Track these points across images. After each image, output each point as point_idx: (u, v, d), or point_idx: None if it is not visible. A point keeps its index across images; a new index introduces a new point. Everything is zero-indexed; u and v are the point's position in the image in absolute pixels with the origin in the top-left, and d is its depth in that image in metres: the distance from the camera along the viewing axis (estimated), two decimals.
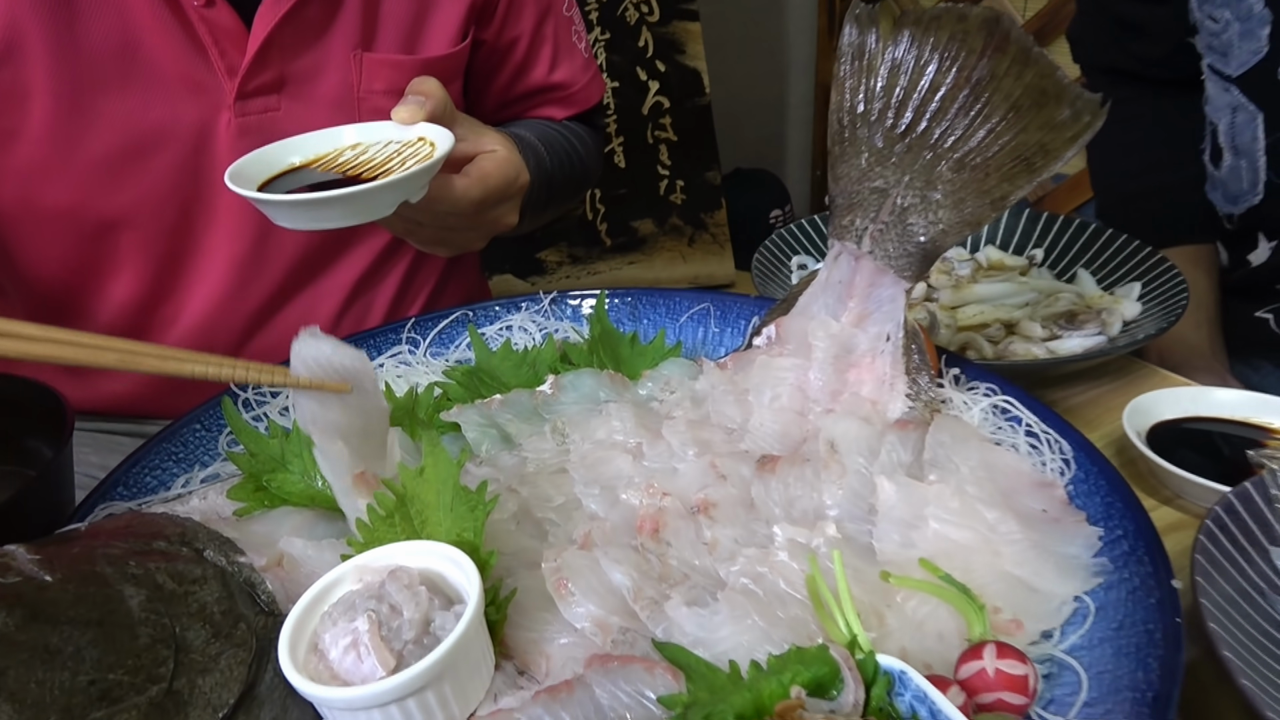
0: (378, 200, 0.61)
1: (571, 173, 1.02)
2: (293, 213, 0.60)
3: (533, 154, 0.90)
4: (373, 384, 0.54)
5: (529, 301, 0.83)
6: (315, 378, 0.51)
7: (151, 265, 0.86)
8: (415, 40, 0.88)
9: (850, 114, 0.65)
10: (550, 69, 1.03)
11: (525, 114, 1.06)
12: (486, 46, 0.98)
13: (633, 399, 0.70)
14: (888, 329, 0.66)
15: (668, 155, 2.02)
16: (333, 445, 0.52)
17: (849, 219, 0.65)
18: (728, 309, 0.82)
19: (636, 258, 2.02)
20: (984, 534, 0.54)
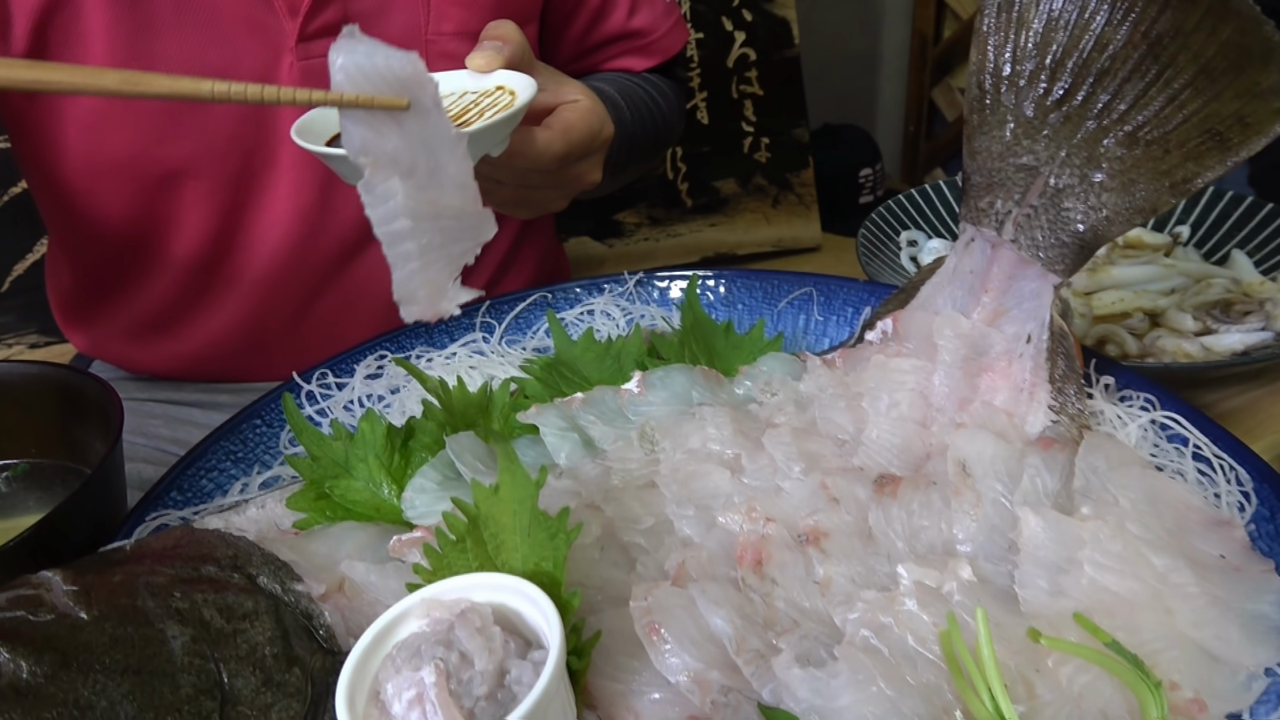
0: None
1: (653, 129, 0.95)
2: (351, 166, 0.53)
3: (613, 108, 0.84)
4: (434, 100, 0.43)
5: (612, 283, 0.76)
6: (362, 92, 0.41)
7: (215, 216, 0.83)
8: None
9: (994, 76, 0.56)
10: (629, 15, 0.96)
11: (602, 65, 1.00)
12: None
13: (729, 400, 0.63)
14: (1029, 329, 0.57)
15: (753, 111, 1.91)
16: (386, 182, 0.42)
17: (988, 200, 0.56)
18: (832, 294, 0.74)
19: (718, 219, 1.92)
20: (1152, 585, 0.46)
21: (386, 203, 0.42)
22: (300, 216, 0.84)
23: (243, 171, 0.81)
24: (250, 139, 0.80)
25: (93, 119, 0.77)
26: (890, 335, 0.63)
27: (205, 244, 0.85)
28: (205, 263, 0.87)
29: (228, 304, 0.91)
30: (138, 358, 0.99)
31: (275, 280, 0.89)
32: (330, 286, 0.91)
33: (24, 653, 0.37)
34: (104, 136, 0.78)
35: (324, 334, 0.94)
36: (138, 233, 0.86)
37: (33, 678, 0.37)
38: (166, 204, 0.82)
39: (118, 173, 0.80)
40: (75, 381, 0.59)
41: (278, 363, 0.95)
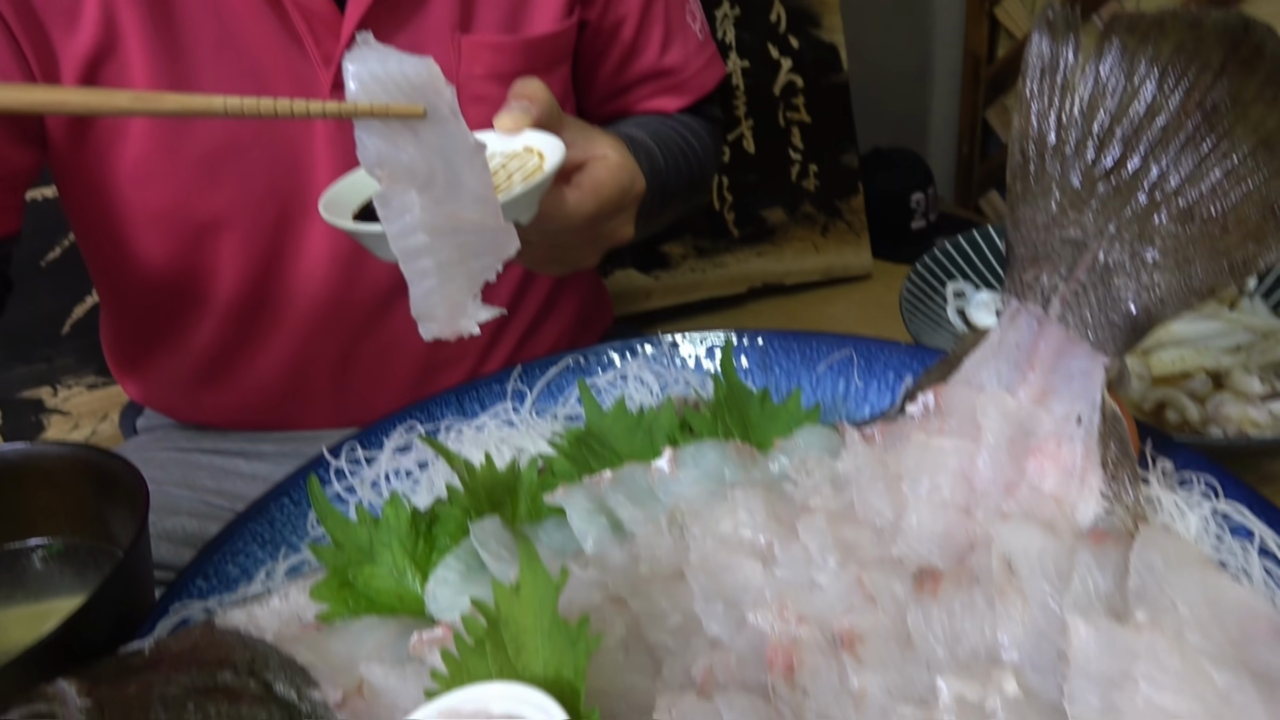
0: None
1: (689, 174, 0.94)
2: (379, 242, 0.52)
3: (645, 156, 0.83)
4: (452, 108, 0.42)
5: (646, 344, 0.75)
6: (377, 101, 0.40)
7: (253, 265, 0.84)
8: (517, 18, 0.83)
9: (1038, 144, 0.53)
10: (661, 52, 0.95)
11: (635, 106, 0.99)
12: (591, 28, 0.91)
13: (763, 477, 0.61)
14: (1079, 409, 0.54)
15: (800, 138, 1.89)
16: (404, 195, 0.41)
17: (1033, 274, 0.54)
18: (873, 357, 0.71)
19: (765, 249, 1.90)
20: (1213, 706, 0.43)
21: (403, 217, 0.41)
22: (337, 264, 0.85)
23: (279, 220, 0.82)
24: (286, 188, 0.81)
25: (134, 170, 0.78)
26: (931, 410, 0.60)
27: (244, 293, 0.86)
28: (245, 311, 0.88)
29: (269, 352, 0.92)
30: (184, 407, 1.00)
31: (314, 328, 0.89)
32: (370, 333, 0.91)
33: None
34: (144, 187, 0.79)
35: (365, 380, 0.95)
36: (178, 282, 0.87)
37: None
38: (205, 254, 0.83)
39: (157, 223, 0.82)
40: (106, 464, 0.60)
41: (321, 410, 0.96)
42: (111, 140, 0.77)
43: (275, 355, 0.92)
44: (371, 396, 0.96)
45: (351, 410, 0.97)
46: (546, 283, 1.00)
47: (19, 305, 1.43)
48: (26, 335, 1.46)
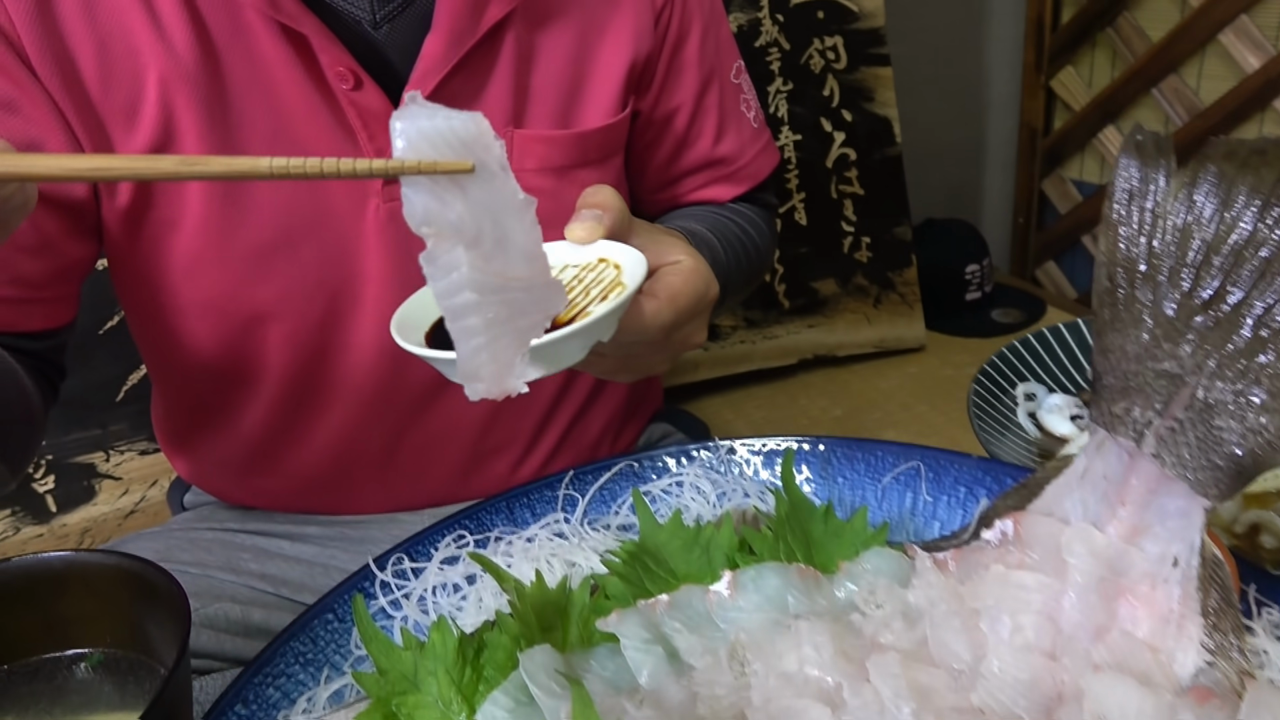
0: (569, 347, 0.51)
1: (748, 265, 0.92)
2: (454, 367, 0.50)
3: (709, 251, 0.82)
4: (500, 163, 0.41)
5: (703, 449, 0.72)
6: (425, 158, 0.39)
7: (300, 357, 0.84)
8: (570, 113, 0.82)
9: (1127, 270, 0.50)
10: (715, 141, 0.94)
11: (688, 195, 0.97)
12: (643, 118, 0.90)
13: (828, 605, 0.57)
14: (1175, 550, 0.50)
15: (853, 210, 1.87)
16: (451, 253, 0.39)
17: (1123, 406, 0.50)
18: (942, 471, 0.68)
19: (817, 320, 1.87)
20: None
21: (450, 275, 0.40)
22: (385, 355, 0.84)
23: (329, 311, 0.82)
24: (336, 280, 0.80)
25: (186, 262, 0.79)
26: (1010, 539, 0.56)
27: (292, 381, 0.86)
28: (292, 399, 0.88)
29: (315, 439, 0.91)
30: (230, 489, 1.00)
31: (361, 416, 0.89)
32: (417, 420, 0.90)
33: None
34: (195, 279, 0.79)
35: (412, 466, 0.93)
36: (226, 369, 0.87)
37: None
38: (254, 343, 0.83)
39: (206, 312, 0.82)
40: (149, 575, 0.58)
41: (368, 494, 0.95)
42: (165, 232, 0.78)
43: (321, 442, 0.91)
44: (419, 482, 0.95)
45: (399, 495, 0.96)
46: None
47: (77, 372, 1.45)
48: (82, 401, 1.48)
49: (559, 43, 0.82)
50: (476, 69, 0.78)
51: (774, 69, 1.75)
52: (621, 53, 0.84)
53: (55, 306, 0.80)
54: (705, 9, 0.91)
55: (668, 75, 0.89)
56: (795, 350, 1.86)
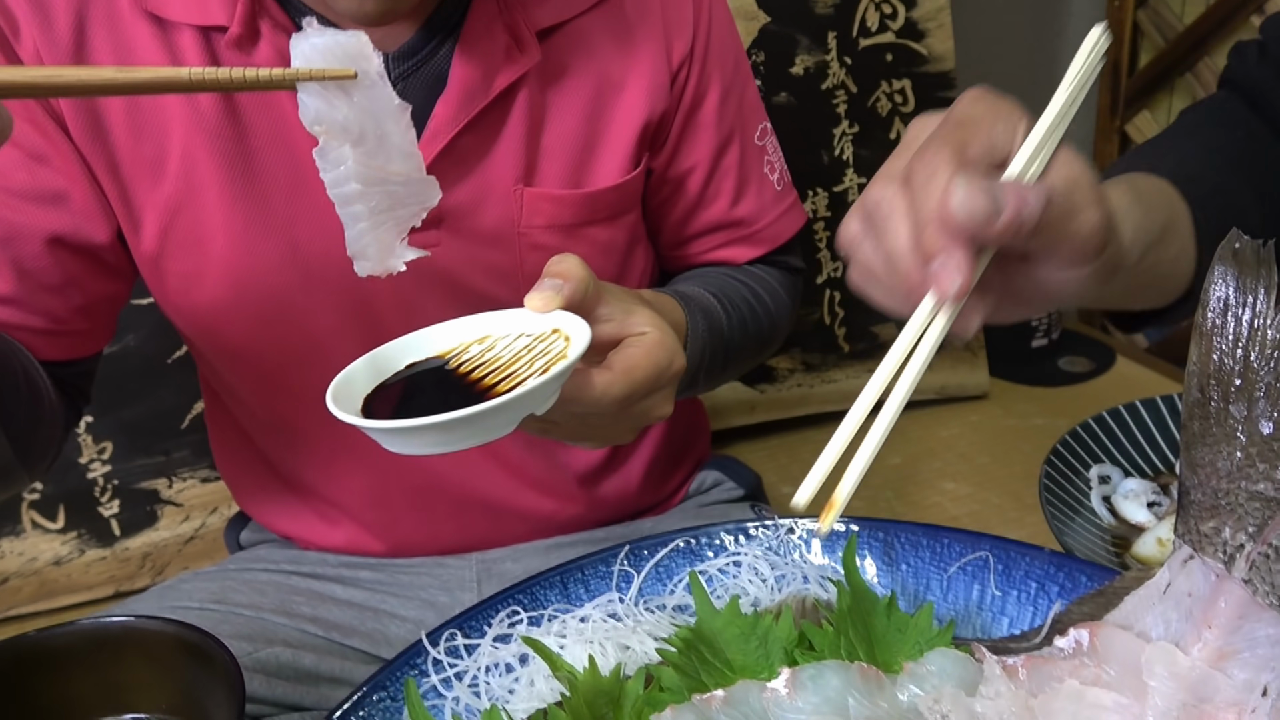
0: (493, 420, 0.52)
1: (756, 329, 0.90)
2: (391, 439, 0.52)
3: (703, 315, 0.80)
4: (379, 73, 0.47)
5: (761, 528, 0.70)
6: (315, 67, 0.46)
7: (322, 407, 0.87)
8: (581, 172, 0.82)
9: (1220, 383, 0.48)
10: (733, 203, 0.91)
11: (703, 255, 0.95)
12: (656, 176, 0.89)
13: (890, 709, 0.55)
14: (1264, 679, 0.47)
15: None
16: (338, 148, 0.47)
17: (1212, 525, 0.48)
18: (1012, 563, 0.65)
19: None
20: None
21: (338, 168, 0.47)
22: None
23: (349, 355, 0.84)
24: (353, 329, 0.81)
25: (211, 309, 0.81)
26: (1085, 650, 0.54)
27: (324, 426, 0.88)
28: (327, 443, 0.90)
29: (353, 481, 0.93)
30: (284, 528, 1.01)
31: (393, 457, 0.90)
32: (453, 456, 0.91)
33: None
34: (223, 326, 0.82)
35: (452, 505, 0.94)
36: (265, 413, 0.90)
37: None
38: (286, 387, 0.85)
39: (236, 360, 0.85)
40: (204, 645, 0.59)
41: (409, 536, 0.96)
42: (190, 285, 0.80)
43: (359, 483, 0.92)
44: (461, 521, 0.95)
45: (441, 536, 0.97)
46: None
47: (142, 400, 1.49)
48: (148, 428, 1.51)
49: (572, 102, 0.81)
50: (487, 128, 0.78)
51: (840, 111, 1.73)
52: (636, 112, 0.83)
53: (81, 339, 0.82)
54: (728, 69, 0.89)
55: (683, 135, 0.87)
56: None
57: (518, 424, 0.54)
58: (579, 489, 0.97)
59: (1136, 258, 0.57)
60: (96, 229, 0.78)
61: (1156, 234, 0.60)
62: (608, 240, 0.87)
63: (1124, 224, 0.54)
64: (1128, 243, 0.55)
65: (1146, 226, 0.58)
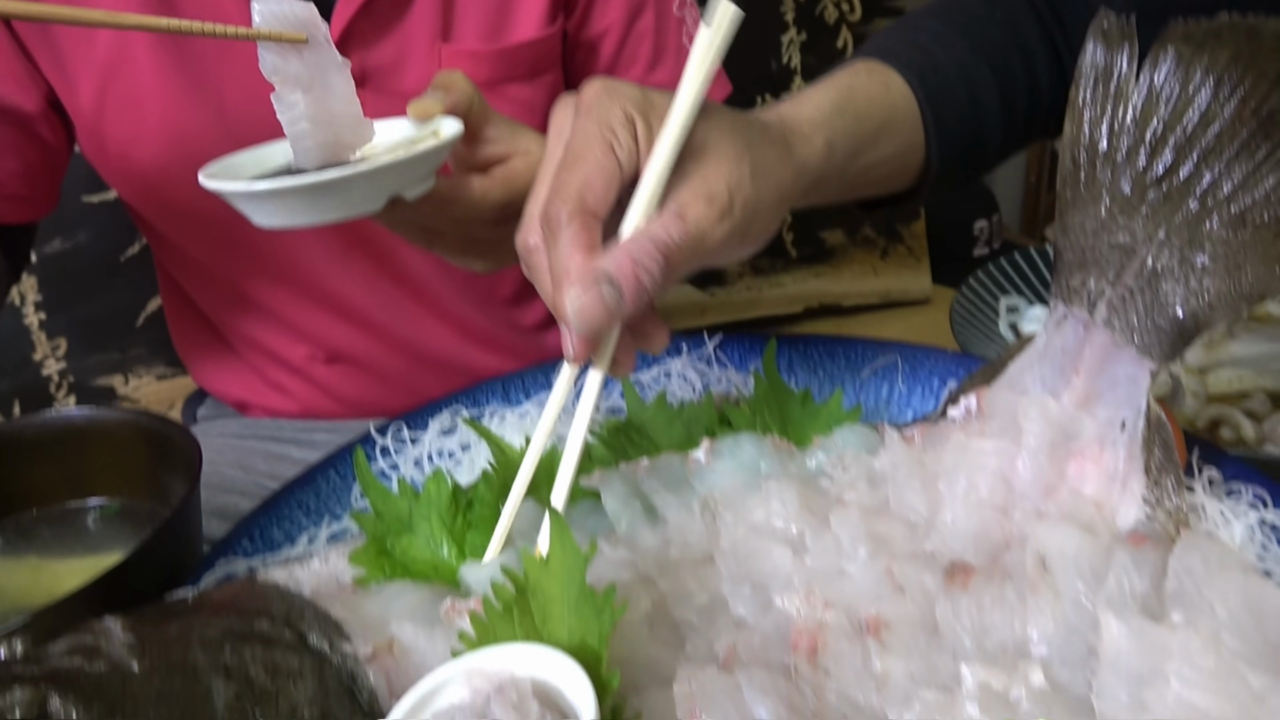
0: (360, 190, 0.55)
1: None
2: (259, 204, 0.56)
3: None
4: (325, 37, 0.55)
5: (690, 342, 0.75)
6: (274, 29, 0.54)
7: (271, 260, 0.88)
8: (499, 27, 0.84)
9: (1089, 151, 0.53)
10: (648, 70, 0.93)
11: None
12: (571, 39, 0.90)
13: (799, 472, 0.61)
14: (1123, 415, 0.53)
15: None
16: (292, 95, 0.55)
17: (1079, 279, 0.53)
18: (918, 364, 0.71)
19: (823, 270, 1.90)
20: (1247, 707, 0.41)
21: (293, 110, 0.55)
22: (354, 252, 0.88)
23: None
24: None
25: (153, 169, 0.83)
26: (974, 413, 0.59)
27: (273, 284, 0.91)
28: (279, 304, 0.93)
29: (306, 345, 0.96)
30: (239, 395, 1.04)
31: (346, 317, 0.93)
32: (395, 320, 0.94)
33: (75, 701, 0.39)
34: (164, 188, 0.83)
35: (404, 367, 0.97)
36: (214, 276, 0.92)
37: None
38: (230, 247, 0.87)
39: (182, 224, 0.88)
40: (164, 429, 0.62)
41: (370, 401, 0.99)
42: (130, 148, 0.82)
43: (310, 343, 0.95)
44: (412, 383, 0.98)
45: (396, 398, 1.00)
46: None
47: (97, 298, 1.50)
48: (103, 326, 1.52)
49: None
50: None
51: (788, 19, 1.76)
52: None
53: (20, 204, 0.84)
54: None
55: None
56: (801, 299, 1.88)
57: (385, 201, 0.57)
58: (527, 344, 1.01)
59: (842, 164, 0.58)
60: (25, 97, 0.80)
61: (868, 138, 0.60)
62: (528, 99, 0.88)
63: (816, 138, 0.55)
64: (821, 157, 0.56)
65: (855, 133, 0.59)
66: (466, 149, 0.64)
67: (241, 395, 1.04)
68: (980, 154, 0.69)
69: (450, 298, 0.94)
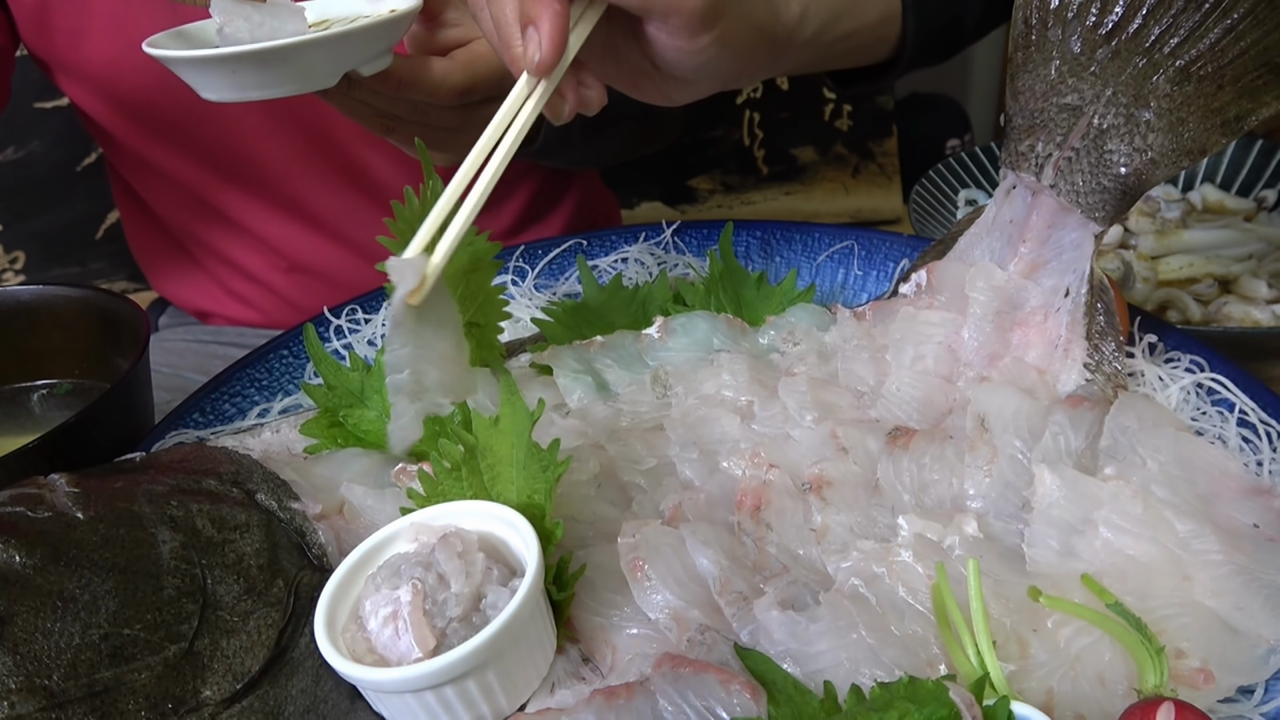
0: (312, 61, 0.53)
1: None
2: (207, 74, 0.53)
3: None
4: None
5: (649, 231, 0.75)
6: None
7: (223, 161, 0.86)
8: None
9: (1040, 10, 0.52)
10: None
11: None
12: None
13: (750, 349, 0.61)
14: (1067, 281, 0.54)
15: None
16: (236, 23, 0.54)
17: (1029, 143, 0.53)
18: (874, 248, 0.71)
19: (794, 188, 1.88)
20: (1172, 551, 0.43)
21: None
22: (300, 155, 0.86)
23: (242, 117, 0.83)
24: None
25: (103, 63, 0.80)
26: (924, 288, 0.60)
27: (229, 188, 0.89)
28: (236, 210, 0.91)
29: (264, 250, 0.94)
30: (199, 304, 1.03)
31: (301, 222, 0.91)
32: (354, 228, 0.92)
33: (17, 545, 0.39)
34: (115, 85, 0.81)
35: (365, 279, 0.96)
36: (171, 180, 0.90)
37: (23, 569, 0.39)
38: (184, 148, 0.86)
39: (135, 124, 0.85)
40: (112, 306, 0.61)
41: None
42: (77, 41, 0.79)
43: (269, 249, 0.94)
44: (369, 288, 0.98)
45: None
46: (532, 185, 0.98)
47: (55, 210, 1.46)
48: (62, 239, 1.50)
49: None
50: None
51: None
52: None
53: None
54: None
55: None
56: (771, 217, 1.88)
57: (338, 76, 0.55)
58: None
59: (814, 33, 0.58)
60: None
61: (842, 9, 0.60)
62: None
63: (793, 4, 0.55)
64: (794, 21, 0.56)
65: (829, 5, 0.58)
66: (426, 31, 0.61)
67: (203, 305, 1.03)
68: (958, 24, 0.69)
69: None
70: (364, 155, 0.88)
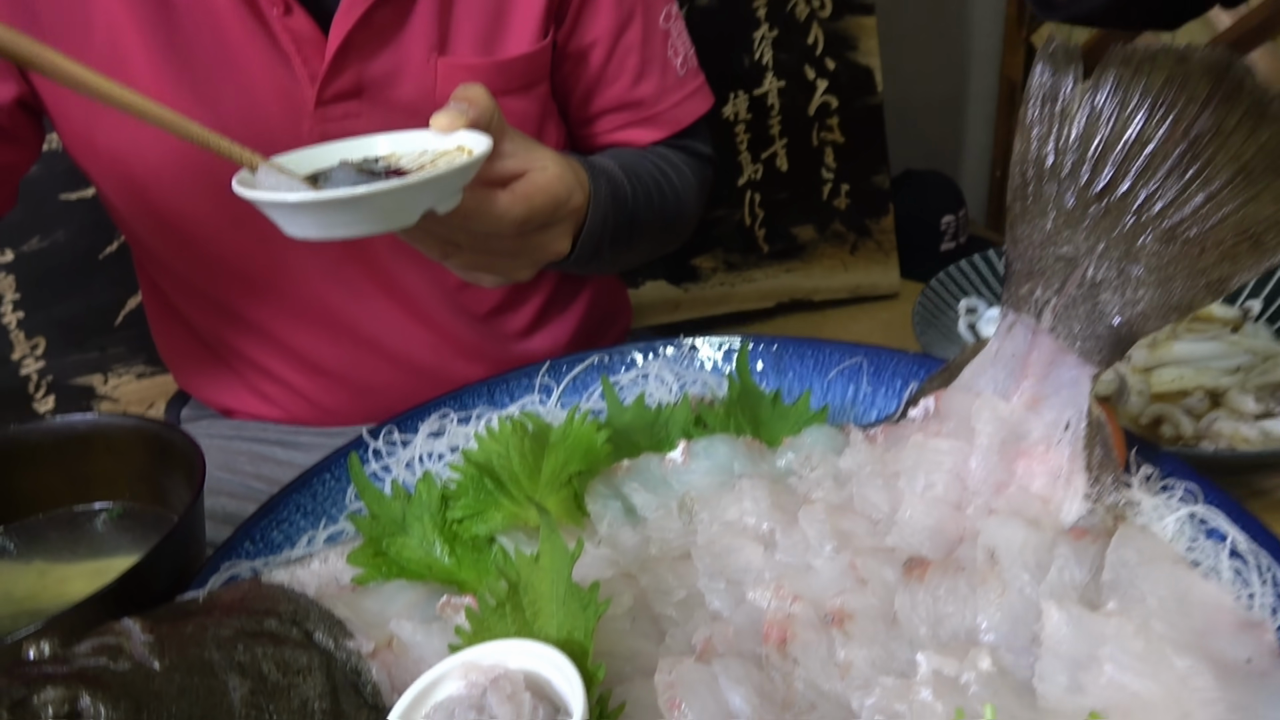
0: (397, 204, 0.56)
1: (661, 207, 0.93)
2: (296, 216, 0.56)
3: (607, 181, 0.83)
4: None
5: (667, 345, 0.79)
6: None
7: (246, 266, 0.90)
8: (493, 41, 0.86)
9: (1036, 167, 0.57)
10: (634, 83, 0.95)
11: (606, 135, 0.99)
12: (559, 50, 0.92)
13: (770, 471, 0.65)
14: (1067, 416, 0.58)
15: (833, 158, 1.92)
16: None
17: (1028, 288, 0.57)
18: (882, 366, 0.75)
19: (794, 265, 1.94)
20: (1171, 687, 0.46)
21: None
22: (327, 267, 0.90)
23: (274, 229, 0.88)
24: None
25: (145, 179, 0.84)
26: (931, 414, 0.64)
27: (253, 295, 0.92)
28: (259, 315, 0.94)
29: (286, 355, 0.98)
30: (222, 401, 1.06)
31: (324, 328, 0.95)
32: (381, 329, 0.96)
33: (104, 699, 0.42)
34: (152, 197, 0.85)
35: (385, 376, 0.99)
36: (196, 285, 0.94)
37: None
38: (212, 258, 0.89)
39: (165, 232, 0.89)
40: (165, 434, 0.65)
41: (352, 408, 1.01)
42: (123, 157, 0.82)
43: (291, 353, 0.97)
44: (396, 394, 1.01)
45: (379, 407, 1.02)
46: (548, 286, 1.02)
47: (76, 296, 1.51)
48: (82, 325, 1.53)
49: None
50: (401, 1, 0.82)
51: (760, 15, 1.80)
52: None
53: None
54: None
55: (583, 8, 0.89)
56: (773, 294, 1.93)
57: (420, 215, 0.58)
58: (506, 353, 1.04)
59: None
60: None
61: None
62: (522, 112, 0.90)
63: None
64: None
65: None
66: (486, 163, 0.65)
67: (227, 402, 1.05)
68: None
69: (436, 308, 0.96)
70: (393, 265, 0.92)
